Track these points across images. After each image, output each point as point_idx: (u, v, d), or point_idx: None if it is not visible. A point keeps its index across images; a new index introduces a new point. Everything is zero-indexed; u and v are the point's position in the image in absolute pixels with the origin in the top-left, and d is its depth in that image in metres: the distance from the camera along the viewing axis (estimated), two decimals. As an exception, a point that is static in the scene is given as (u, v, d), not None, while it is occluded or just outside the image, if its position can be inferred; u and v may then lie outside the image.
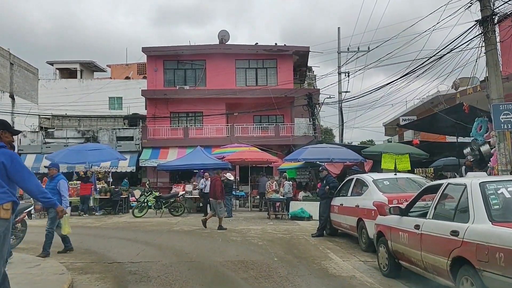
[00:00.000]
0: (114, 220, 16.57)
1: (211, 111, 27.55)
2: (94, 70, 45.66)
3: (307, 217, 15.55)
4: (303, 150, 18.30)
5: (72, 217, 18.21)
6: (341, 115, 27.25)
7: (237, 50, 28.41)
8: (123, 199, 19.98)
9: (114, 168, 26.33)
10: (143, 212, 17.77)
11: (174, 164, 20.77)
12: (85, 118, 36.61)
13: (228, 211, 17.14)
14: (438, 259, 4.98)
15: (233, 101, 27.99)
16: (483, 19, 10.97)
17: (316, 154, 17.48)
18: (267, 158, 20.32)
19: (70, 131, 29.43)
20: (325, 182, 11.99)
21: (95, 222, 15.89)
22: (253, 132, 27.71)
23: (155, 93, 28.05)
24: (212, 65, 28.48)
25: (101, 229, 13.94)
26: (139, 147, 27.45)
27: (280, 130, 27.66)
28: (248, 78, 29.11)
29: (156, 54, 28.59)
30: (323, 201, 11.82)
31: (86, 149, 19.39)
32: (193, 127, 28.07)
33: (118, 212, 19.67)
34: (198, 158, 20.01)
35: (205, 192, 17.65)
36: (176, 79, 29.04)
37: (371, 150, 18.57)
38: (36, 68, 35.78)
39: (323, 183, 12.18)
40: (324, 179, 12.14)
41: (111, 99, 40.67)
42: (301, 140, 26.66)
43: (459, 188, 5.06)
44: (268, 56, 28.74)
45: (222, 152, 23.22)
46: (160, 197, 17.93)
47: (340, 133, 27.28)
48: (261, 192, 20.21)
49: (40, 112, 34.50)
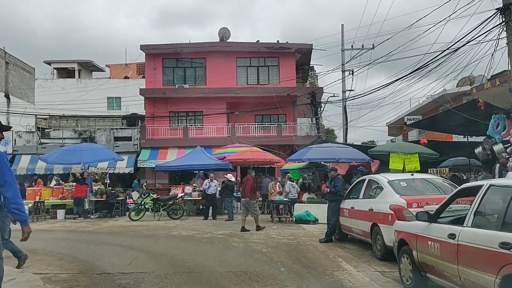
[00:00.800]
0: (109, 224, 15.76)
1: (212, 110, 26.77)
2: (93, 70, 44.91)
3: (313, 220, 14.71)
4: (307, 149, 17.49)
5: (66, 220, 17.44)
6: (345, 114, 26.44)
7: (238, 47, 27.62)
8: (120, 201, 19.17)
9: (112, 169, 25.55)
10: (140, 215, 16.97)
11: (173, 165, 19.93)
12: (83, 118, 35.86)
13: (230, 214, 16.32)
14: (482, 276, 4.16)
15: (234, 100, 27.20)
16: (504, 6, 10.18)
17: (321, 154, 16.65)
18: (269, 158, 19.50)
19: (66, 131, 28.62)
20: (333, 183, 11.17)
21: (89, 226, 15.08)
22: (254, 132, 26.92)
23: (154, 92, 27.26)
24: (212, 63, 27.68)
25: (94, 233, 13.12)
26: (137, 147, 26.65)
27: (282, 130, 26.86)
28: (249, 77, 28.31)
29: (155, 52, 27.81)
30: (331, 204, 10.98)
31: (81, 149, 18.58)
32: (193, 127, 27.28)
33: (115, 215, 18.85)
34: (198, 159, 19.20)
35: (208, 193, 16.88)
36: (175, 78, 28.25)
37: (378, 149, 17.79)
38: (33, 67, 35.03)
39: (331, 184, 11.36)
40: (333, 180, 11.33)
41: (109, 99, 39.96)
42: (304, 140, 25.87)
43: (508, 191, 4.23)
44: (270, 54, 27.95)
45: (223, 152, 22.41)
46: (158, 199, 17.12)
47: (344, 133, 26.45)
48: (263, 194, 19.37)
49: (37, 112, 33.75)
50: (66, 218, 18.28)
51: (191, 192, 18.56)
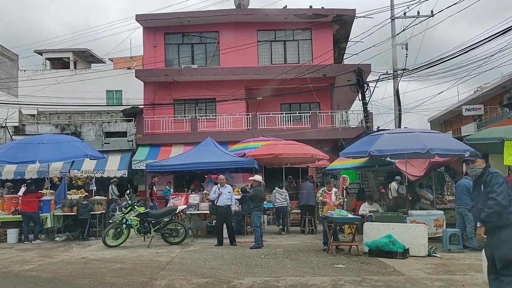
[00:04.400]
0: (69, 255, 9.95)
1: (227, 96, 20.97)
2: (91, 61, 39.54)
3: (401, 251, 8.69)
4: (371, 138, 11.52)
5: (13, 246, 11.68)
6: (398, 98, 20.37)
7: (260, 17, 21.73)
8: (99, 215, 13.40)
9: (100, 172, 19.90)
10: (121, 239, 11.17)
11: (170, 164, 13.80)
12: (76, 114, 30.47)
13: (257, 238, 10.32)
14: None
15: (255, 84, 21.34)
16: None
17: (399, 144, 10.59)
18: (311, 153, 13.48)
19: (46, 125, 23.11)
20: (487, 183, 5.08)
21: (33, 259, 9.34)
22: (281, 123, 20.98)
23: (153, 74, 21.52)
24: (227, 37, 21.84)
25: (18, 281, 7.29)
26: (133, 144, 20.89)
27: (318, 121, 20.89)
28: (274, 54, 22.45)
29: (155, 25, 22.12)
30: (502, 232, 4.87)
31: (39, 142, 12.81)
32: (203, 118, 21.44)
33: (90, 236, 13.10)
34: (209, 154, 13.28)
35: (219, 205, 10.99)
36: (180, 57, 22.49)
37: (481, 137, 11.87)
38: (16, 54, 29.78)
39: (478, 184, 5.28)
40: (482, 177, 5.22)
41: (109, 92, 34.59)
42: (347, 133, 19.88)
43: None
44: (300, 25, 22.03)
45: (243, 148, 16.62)
46: (147, 215, 11.26)
47: (397, 121, 20.30)
48: (303, 204, 13.40)
49: (24, 107, 28.38)
50: (20, 241, 12.65)
51: (198, 203, 12.65)
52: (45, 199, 13.14)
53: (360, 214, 12.07)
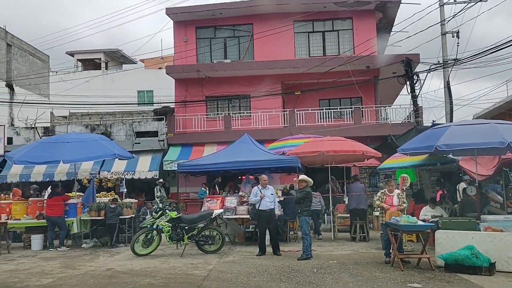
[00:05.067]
0: (94, 265, 8.85)
1: (262, 92, 19.66)
2: (123, 62, 39.18)
3: (486, 266, 7.11)
4: (435, 132, 9.92)
5: (37, 253, 10.71)
6: (449, 90, 18.54)
7: (297, 6, 20.27)
8: (129, 220, 12.35)
9: (131, 174, 18.95)
10: (151, 247, 10.02)
11: (204, 163, 12.55)
12: (108, 115, 29.93)
13: (306, 247, 8.92)
14: None
15: (292, 78, 19.95)
16: None
17: (471, 137, 8.97)
18: (362, 151, 11.94)
19: (76, 126, 22.43)
20: None
21: (52, 271, 8.25)
22: (321, 119, 19.49)
23: (184, 70, 20.45)
24: (261, 30, 20.53)
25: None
26: (164, 144, 19.85)
27: (362, 116, 19.29)
28: (312, 46, 20.98)
29: (186, 19, 21.06)
30: None
31: (64, 140, 11.82)
32: (237, 115, 20.19)
33: (119, 242, 12.06)
34: (246, 152, 11.97)
35: (261, 209, 9.66)
36: (212, 52, 21.33)
37: None
38: (47, 55, 29.40)
39: None
40: None
41: (140, 93, 34.08)
42: (396, 129, 18.19)
43: None
44: (340, 14, 20.50)
45: (281, 146, 15.30)
46: (180, 220, 10.05)
47: (449, 116, 18.42)
48: (353, 208, 11.90)
49: (56, 109, 28.02)
50: (45, 248, 11.74)
51: (236, 207, 11.36)
52: (71, 202, 12.20)
53: (421, 220, 10.49)
